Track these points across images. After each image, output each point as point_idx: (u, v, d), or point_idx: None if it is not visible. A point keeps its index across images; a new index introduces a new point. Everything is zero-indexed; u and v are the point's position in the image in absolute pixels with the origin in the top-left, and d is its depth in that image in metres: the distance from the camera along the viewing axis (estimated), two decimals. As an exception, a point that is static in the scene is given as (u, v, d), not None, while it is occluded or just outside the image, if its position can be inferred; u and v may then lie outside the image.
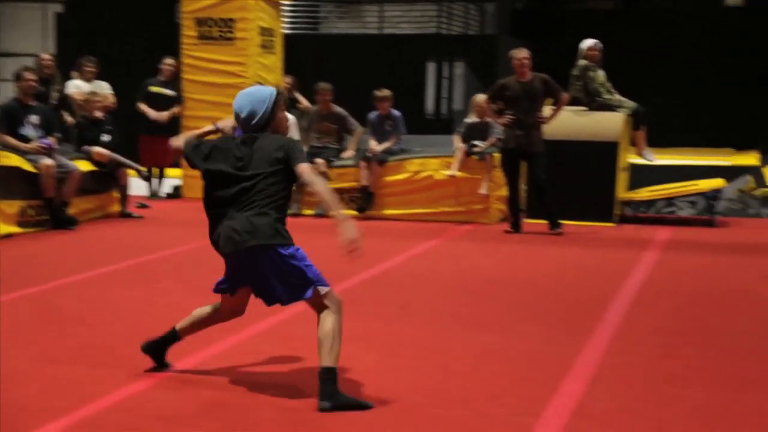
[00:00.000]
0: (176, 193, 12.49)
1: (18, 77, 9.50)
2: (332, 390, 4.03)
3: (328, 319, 4.19)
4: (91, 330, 5.37)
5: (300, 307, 4.57)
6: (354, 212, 10.47)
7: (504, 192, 9.87)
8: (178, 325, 4.57)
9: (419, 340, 5.24)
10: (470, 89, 15.64)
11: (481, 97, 10.32)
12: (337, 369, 4.08)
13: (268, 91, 4.40)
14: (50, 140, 9.31)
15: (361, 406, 4.06)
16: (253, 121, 4.34)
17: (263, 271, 4.30)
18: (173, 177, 12.81)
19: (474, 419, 3.97)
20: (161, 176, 12.38)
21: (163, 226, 9.86)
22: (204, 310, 4.60)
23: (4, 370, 4.46)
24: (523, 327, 5.59)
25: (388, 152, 10.66)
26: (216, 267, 7.37)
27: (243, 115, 4.35)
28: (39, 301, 6.10)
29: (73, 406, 4.01)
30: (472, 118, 10.49)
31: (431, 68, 17.68)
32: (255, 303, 4.49)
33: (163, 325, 5.37)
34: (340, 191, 10.66)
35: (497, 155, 9.91)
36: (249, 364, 4.72)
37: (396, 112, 10.89)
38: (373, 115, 10.94)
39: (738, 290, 6.81)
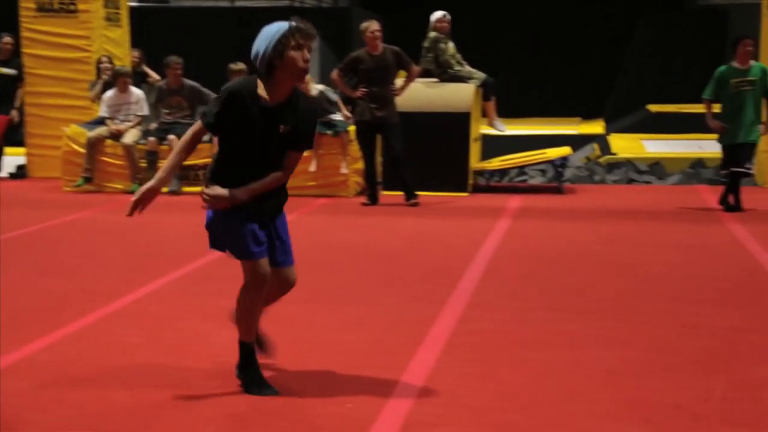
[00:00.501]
0: (21, 173, 12.00)
1: None
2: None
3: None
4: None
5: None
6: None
7: (360, 165, 9.94)
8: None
9: (281, 315, 5.22)
10: (325, 63, 15.62)
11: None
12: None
13: (276, 27, 3.80)
14: None
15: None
16: (257, 62, 3.81)
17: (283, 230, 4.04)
18: (16, 155, 12.30)
19: (331, 389, 4.00)
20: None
21: (7, 208, 9.43)
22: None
23: None
24: (382, 298, 5.67)
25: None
26: (69, 248, 7.22)
27: (251, 56, 3.82)
28: None
29: None
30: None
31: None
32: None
33: (20, 310, 5.18)
34: (194, 167, 10.49)
35: (352, 128, 9.96)
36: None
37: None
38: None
39: (583, 252, 7.11)
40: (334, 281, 6.14)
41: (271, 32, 3.78)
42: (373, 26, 9.50)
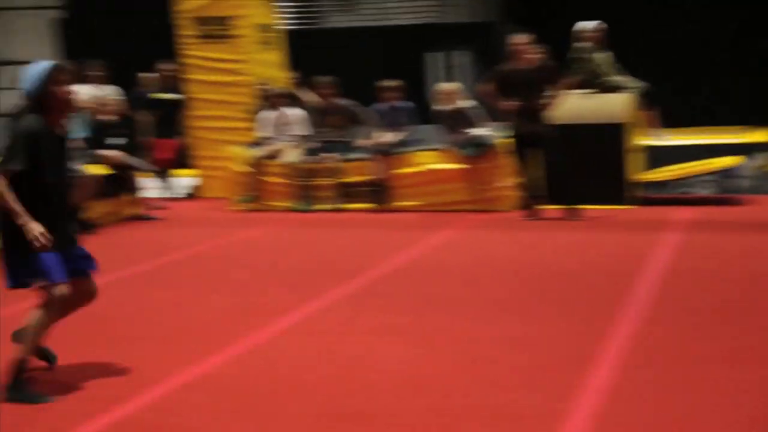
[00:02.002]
0: (191, 193, 12.49)
1: None
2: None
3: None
4: (120, 329, 5.36)
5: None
6: (368, 205, 10.48)
7: (517, 179, 9.86)
8: None
9: (446, 331, 5.23)
10: (474, 78, 15.60)
11: (448, 85, 10.42)
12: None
13: (42, 65, 4.29)
14: None
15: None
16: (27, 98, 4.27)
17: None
18: (189, 176, 12.82)
19: (508, 407, 3.96)
20: (171, 176, 12.40)
21: (180, 227, 9.87)
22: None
23: (47, 372, 4.47)
24: (548, 313, 5.58)
25: (399, 144, 10.64)
26: (238, 265, 7.46)
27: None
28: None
29: (100, 410, 4.00)
30: (442, 106, 10.45)
31: (431, 59, 17.66)
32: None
33: (195, 324, 5.38)
34: (354, 185, 10.66)
35: (503, 142, 9.88)
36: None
37: (406, 103, 10.88)
38: (382, 106, 10.91)
39: (763, 267, 6.75)
40: (496, 296, 6.09)
41: (35, 71, 4.27)
42: (521, 39, 9.43)
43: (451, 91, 10.40)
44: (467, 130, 10.18)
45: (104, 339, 5.20)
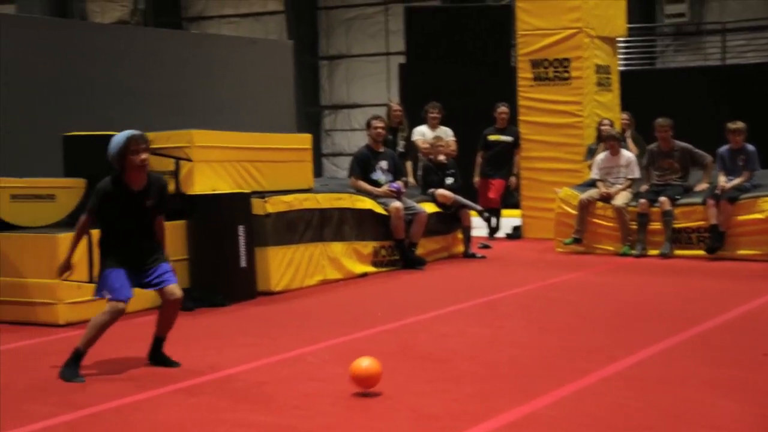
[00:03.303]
0: (516, 234, 12.66)
1: (368, 125, 10.16)
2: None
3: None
4: (448, 366, 5.53)
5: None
6: (701, 252, 10.01)
7: None
8: None
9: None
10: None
11: None
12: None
13: (122, 135, 5.41)
14: (399, 184, 9.83)
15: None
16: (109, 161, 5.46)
17: None
18: (513, 217, 13.02)
19: None
20: (497, 217, 12.65)
21: (505, 266, 10.02)
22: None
23: (375, 401, 4.73)
24: None
25: (740, 189, 10.07)
26: (564, 307, 7.44)
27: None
28: (398, 336, 6.42)
29: (436, 439, 4.13)
30: None
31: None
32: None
33: (519, 364, 5.44)
34: (686, 230, 10.25)
35: None
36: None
37: (750, 147, 10.27)
38: (723, 149, 10.38)
39: None
40: None
41: (115, 141, 5.44)
42: None
43: None
44: None
45: (427, 376, 5.37)
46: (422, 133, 11.74)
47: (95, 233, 5.99)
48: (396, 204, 9.61)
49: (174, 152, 8.09)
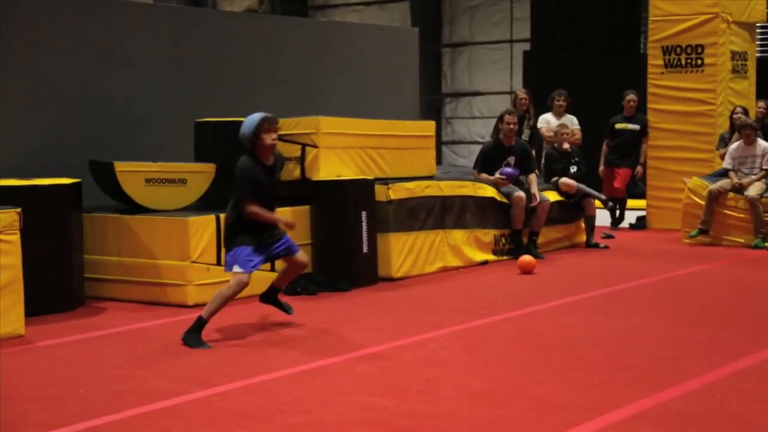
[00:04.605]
0: (640, 224, 12.36)
1: (500, 119, 10.02)
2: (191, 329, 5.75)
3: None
4: (571, 356, 5.46)
5: None
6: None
7: None
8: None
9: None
10: None
11: None
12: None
13: (254, 117, 5.85)
14: (511, 169, 9.59)
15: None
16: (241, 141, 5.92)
17: None
18: (637, 208, 12.72)
19: None
20: (622, 207, 12.38)
21: (629, 257, 9.81)
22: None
23: (497, 388, 4.72)
24: None
25: None
26: (691, 299, 7.23)
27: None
28: (519, 325, 6.37)
29: (557, 429, 4.09)
30: None
31: None
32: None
33: (638, 356, 5.33)
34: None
35: None
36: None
37: None
38: None
39: None
40: None
41: (248, 122, 5.91)
42: None
43: None
44: None
45: (549, 364, 5.31)
46: (547, 121, 11.58)
47: (221, 216, 6.19)
48: (519, 193, 9.51)
49: (301, 138, 8.22)
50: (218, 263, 7.25)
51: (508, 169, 9.54)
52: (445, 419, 4.23)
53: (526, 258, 8.75)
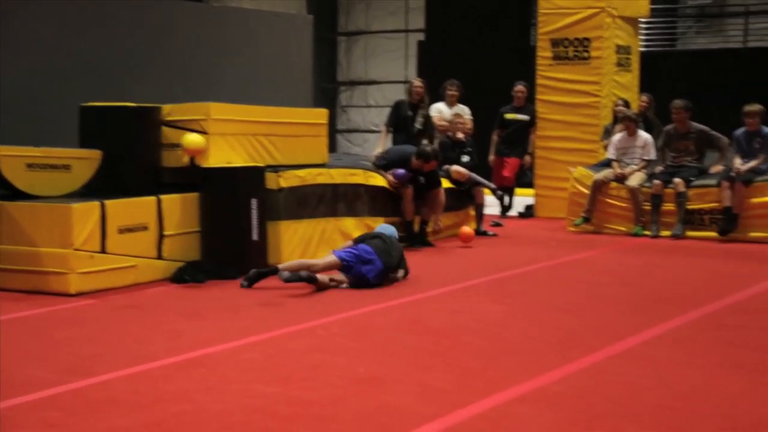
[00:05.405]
0: (528, 212, 12.63)
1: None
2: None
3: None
4: (457, 342, 5.55)
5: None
6: (714, 234, 9.98)
7: None
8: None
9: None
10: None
11: None
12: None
13: None
14: (403, 171, 9.55)
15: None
16: None
17: None
18: (525, 196, 12.99)
19: None
20: (511, 195, 12.62)
21: (516, 244, 10.01)
22: None
23: (383, 374, 4.75)
24: None
25: (755, 171, 10.01)
26: (574, 286, 7.43)
27: None
28: (407, 311, 6.43)
29: (441, 413, 4.15)
30: None
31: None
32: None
33: (530, 340, 5.45)
34: (699, 212, 10.21)
35: None
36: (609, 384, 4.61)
37: (766, 129, 10.20)
38: (739, 131, 10.33)
39: None
40: None
41: None
42: None
43: None
44: None
45: (435, 350, 5.39)
46: (439, 110, 11.70)
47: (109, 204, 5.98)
48: (408, 189, 9.52)
49: (190, 125, 8.10)
50: (103, 251, 7.09)
51: (400, 171, 9.55)
52: (329, 406, 4.25)
53: (465, 229, 9.74)
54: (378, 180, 9.50)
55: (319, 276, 7.07)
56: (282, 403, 4.26)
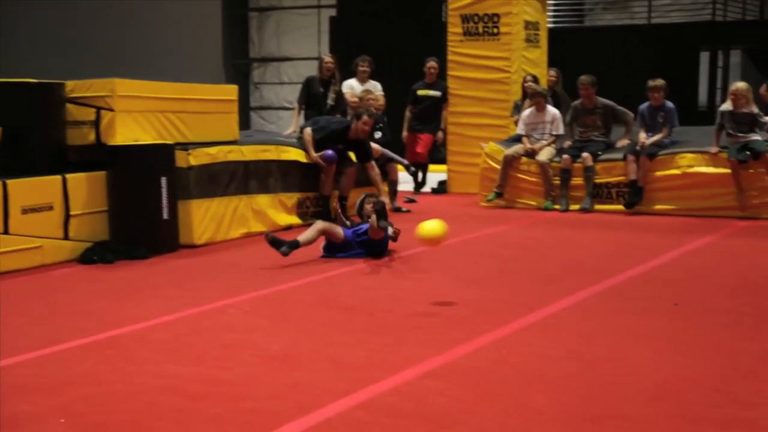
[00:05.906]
0: (441, 188, 12.72)
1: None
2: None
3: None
4: (369, 317, 5.56)
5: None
6: (621, 207, 10.22)
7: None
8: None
9: (695, 338, 5.01)
10: (747, 79, 14.75)
11: (741, 85, 9.79)
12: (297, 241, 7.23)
13: None
14: (331, 151, 9.50)
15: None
16: None
17: None
18: (438, 172, 13.08)
19: (763, 420, 3.73)
20: (424, 172, 12.70)
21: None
22: None
23: (295, 351, 4.74)
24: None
25: (659, 145, 10.27)
26: (486, 260, 7.52)
27: None
28: (320, 289, 6.43)
29: (353, 389, 4.16)
30: (731, 107, 9.84)
31: (704, 58, 16.89)
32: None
33: (437, 317, 5.50)
34: (607, 185, 10.43)
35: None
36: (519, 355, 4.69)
37: (669, 104, 10.47)
38: (644, 106, 10.58)
39: None
40: (756, 307, 5.73)
41: None
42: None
43: (746, 92, 9.76)
44: (746, 135, 9.64)
45: (348, 327, 5.40)
46: (351, 86, 11.67)
47: (12, 183, 5.75)
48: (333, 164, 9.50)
49: (95, 101, 7.91)
50: (5, 232, 6.89)
51: (329, 153, 9.49)
52: (241, 384, 4.22)
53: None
54: (291, 154, 9.43)
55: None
56: (193, 383, 4.22)
